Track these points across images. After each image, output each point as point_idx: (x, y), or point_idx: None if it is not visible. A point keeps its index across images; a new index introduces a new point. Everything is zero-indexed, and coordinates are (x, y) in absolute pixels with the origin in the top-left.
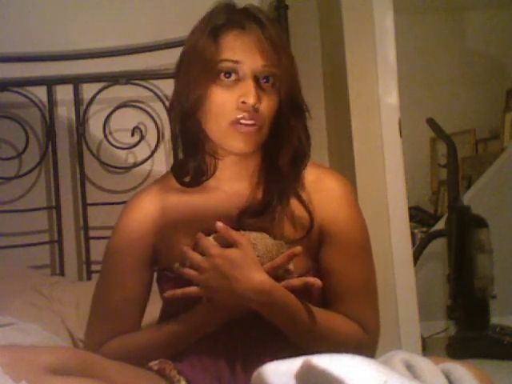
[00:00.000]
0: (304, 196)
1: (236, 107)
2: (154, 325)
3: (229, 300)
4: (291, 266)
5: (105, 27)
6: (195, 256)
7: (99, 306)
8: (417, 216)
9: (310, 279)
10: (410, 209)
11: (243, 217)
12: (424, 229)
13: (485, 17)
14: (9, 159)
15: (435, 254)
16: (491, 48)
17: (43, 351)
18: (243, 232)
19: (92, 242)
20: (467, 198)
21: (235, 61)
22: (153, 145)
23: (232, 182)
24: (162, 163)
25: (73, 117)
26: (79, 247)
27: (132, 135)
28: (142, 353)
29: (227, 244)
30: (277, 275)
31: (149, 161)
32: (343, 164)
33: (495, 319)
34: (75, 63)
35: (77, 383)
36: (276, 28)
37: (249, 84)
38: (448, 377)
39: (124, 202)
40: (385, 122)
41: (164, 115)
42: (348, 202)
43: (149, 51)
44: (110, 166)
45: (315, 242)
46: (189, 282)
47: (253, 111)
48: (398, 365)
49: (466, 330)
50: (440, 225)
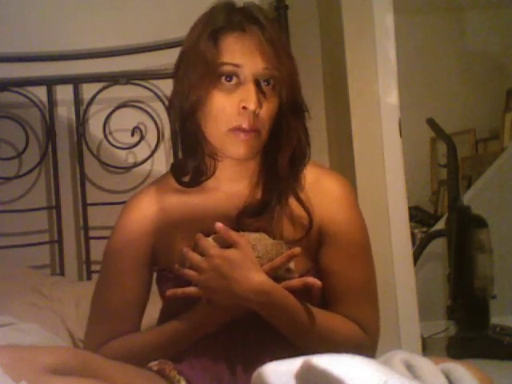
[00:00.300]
0: (303, 196)
1: (236, 112)
2: (154, 325)
3: (228, 300)
4: (292, 265)
5: (105, 27)
6: (195, 256)
7: (99, 307)
8: (417, 216)
9: (310, 280)
10: (410, 209)
11: (242, 217)
12: (424, 229)
13: (485, 17)
14: (9, 159)
15: (435, 254)
16: (491, 48)
17: (43, 351)
18: (242, 233)
19: (92, 242)
20: (467, 198)
21: (236, 64)
22: (153, 145)
23: (231, 183)
24: (162, 163)
25: (73, 117)
26: (79, 247)
27: (132, 135)
28: (142, 353)
29: (227, 245)
30: (277, 275)
31: (149, 161)
32: (343, 164)
33: (495, 319)
34: (75, 63)
35: (77, 383)
36: (276, 29)
37: (250, 88)
38: (448, 377)
39: (124, 202)
40: (385, 122)
41: (164, 115)
42: (348, 203)
43: (149, 51)
44: (110, 166)
45: (315, 243)
46: (188, 283)
47: (253, 117)
48: (398, 365)
49: (466, 330)
50: (440, 225)
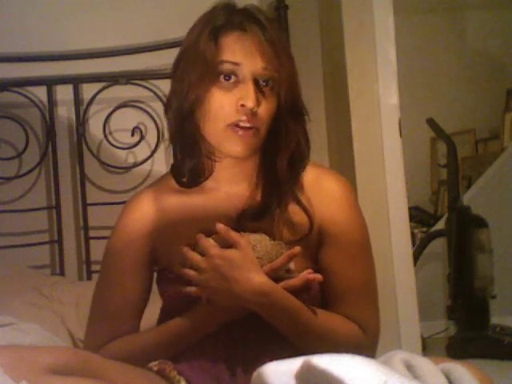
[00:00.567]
0: (303, 197)
1: (235, 110)
2: (154, 326)
3: (228, 301)
4: (292, 266)
5: (105, 27)
6: (195, 256)
7: (98, 307)
8: (417, 216)
9: (310, 276)
10: (410, 209)
11: (243, 219)
12: (424, 229)
13: (485, 17)
14: (9, 159)
15: (435, 254)
16: (491, 48)
17: (43, 351)
18: (243, 233)
19: (92, 242)
20: (467, 198)
21: (235, 63)
22: (153, 145)
23: (231, 184)
24: (162, 163)
25: (73, 117)
26: (79, 247)
27: (132, 135)
28: (142, 354)
29: (227, 245)
30: (277, 276)
31: (149, 161)
32: (343, 164)
33: (495, 319)
34: (75, 63)
35: (77, 383)
36: (276, 30)
37: (248, 87)
38: (448, 377)
39: (124, 202)
40: (385, 122)
41: None
42: (348, 203)
43: (149, 51)
44: (110, 166)
45: (315, 243)
46: (189, 283)
47: (251, 114)
48: (398, 365)
49: (466, 330)
50: (440, 225)
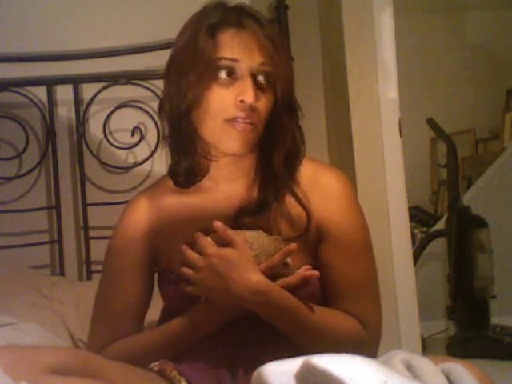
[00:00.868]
0: (300, 193)
1: (234, 106)
2: (154, 326)
3: (225, 299)
4: (289, 260)
5: (105, 27)
6: (192, 255)
7: (100, 308)
8: (417, 216)
9: (307, 273)
10: (410, 209)
11: (240, 216)
12: (424, 229)
13: (485, 17)
14: (9, 159)
15: (435, 254)
16: (491, 48)
17: (43, 351)
18: (240, 231)
19: (92, 242)
20: (467, 198)
21: (234, 59)
22: (153, 145)
23: (228, 182)
24: (162, 163)
25: (73, 117)
26: (79, 247)
27: (132, 135)
28: (143, 354)
29: (225, 243)
30: (275, 272)
31: (149, 161)
32: (343, 164)
33: (495, 319)
34: (75, 63)
35: (77, 383)
36: (273, 26)
37: (247, 83)
38: (448, 377)
39: (124, 202)
40: (385, 122)
41: None
42: (346, 199)
43: (149, 51)
44: (110, 166)
45: (314, 239)
46: (188, 283)
47: (250, 110)
48: (398, 365)
49: (466, 330)
50: (440, 225)
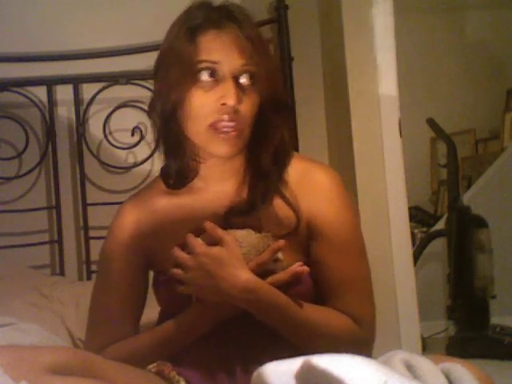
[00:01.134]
0: (289, 192)
1: (216, 109)
2: (149, 328)
3: (215, 298)
4: (279, 255)
5: (105, 27)
6: (182, 254)
7: (95, 312)
8: (417, 216)
9: (298, 269)
10: (410, 209)
11: (229, 216)
12: (424, 229)
13: (485, 16)
14: (9, 159)
15: (435, 254)
16: (491, 48)
17: (43, 351)
18: (230, 230)
19: (92, 242)
20: (467, 198)
21: (214, 61)
22: (153, 145)
23: (218, 182)
24: (162, 163)
25: (73, 117)
26: (79, 247)
27: (132, 135)
28: (139, 357)
29: (215, 243)
30: (266, 269)
31: (149, 161)
32: (343, 164)
33: (495, 319)
34: (75, 63)
35: (77, 383)
36: (254, 26)
37: (228, 85)
38: (448, 377)
39: None
40: (385, 122)
41: None
42: (337, 196)
43: (149, 51)
44: (110, 166)
45: (304, 237)
46: (182, 283)
47: (233, 113)
48: (398, 365)
49: (466, 330)
50: (440, 225)
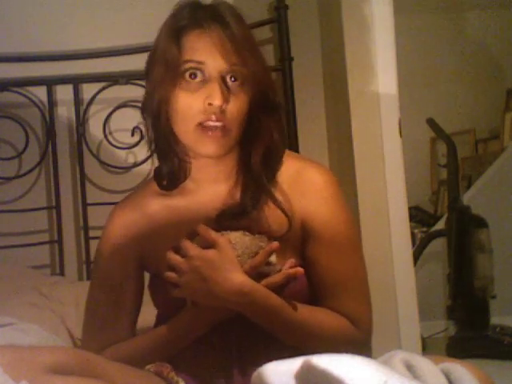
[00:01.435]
0: (282, 193)
1: (203, 110)
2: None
3: (210, 302)
4: (273, 258)
5: (105, 27)
6: (175, 258)
7: (91, 315)
8: (417, 216)
9: (291, 271)
10: (410, 209)
11: (222, 218)
12: (424, 229)
13: (485, 17)
14: (9, 159)
15: (435, 254)
16: (491, 48)
17: (43, 351)
18: (224, 232)
19: (92, 242)
20: (467, 198)
21: (199, 61)
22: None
23: (211, 184)
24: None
25: (73, 117)
26: (79, 247)
27: (132, 135)
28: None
29: (210, 246)
30: (260, 272)
31: (149, 161)
32: (343, 164)
33: (495, 319)
34: (75, 63)
35: (77, 383)
36: (243, 26)
37: (215, 85)
38: (448, 377)
39: None
40: (385, 122)
41: None
42: (331, 195)
43: (149, 51)
44: (110, 166)
45: (299, 238)
46: (176, 287)
47: (220, 113)
48: (398, 365)
49: (466, 330)
50: (440, 225)
